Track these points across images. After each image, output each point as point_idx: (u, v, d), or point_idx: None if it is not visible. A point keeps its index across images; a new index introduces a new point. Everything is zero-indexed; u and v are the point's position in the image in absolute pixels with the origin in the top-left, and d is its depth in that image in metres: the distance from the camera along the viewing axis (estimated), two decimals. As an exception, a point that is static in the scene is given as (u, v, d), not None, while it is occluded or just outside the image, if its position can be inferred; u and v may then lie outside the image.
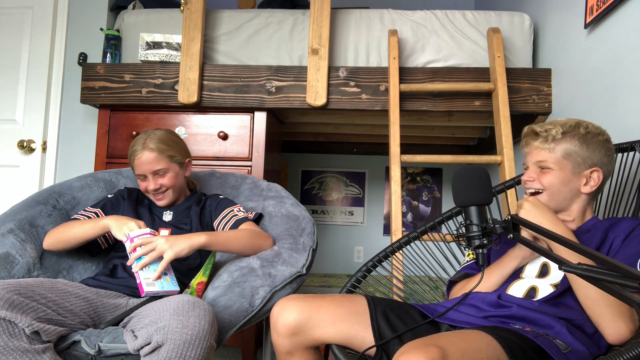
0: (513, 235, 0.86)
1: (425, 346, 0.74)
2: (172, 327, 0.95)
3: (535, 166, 1.12)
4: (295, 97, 2.09)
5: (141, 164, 1.42)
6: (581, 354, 0.88)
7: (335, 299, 1.05)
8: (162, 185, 1.45)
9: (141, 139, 1.45)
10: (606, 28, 1.57)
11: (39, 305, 1.00)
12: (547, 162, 1.09)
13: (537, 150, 1.11)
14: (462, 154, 3.21)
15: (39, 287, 1.05)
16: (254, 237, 1.35)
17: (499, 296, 1.02)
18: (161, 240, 1.21)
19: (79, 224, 1.37)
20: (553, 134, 1.08)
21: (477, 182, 0.89)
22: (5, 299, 0.95)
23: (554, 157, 1.08)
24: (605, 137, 1.10)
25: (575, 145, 1.07)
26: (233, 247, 1.32)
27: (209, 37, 2.17)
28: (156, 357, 0.94)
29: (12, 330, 0.94)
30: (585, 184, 1.08)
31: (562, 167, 1.08)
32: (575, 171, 1.08)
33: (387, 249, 1.42)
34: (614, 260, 0.64)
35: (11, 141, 2.42)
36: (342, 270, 3.54)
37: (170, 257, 1.20)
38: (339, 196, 3.61)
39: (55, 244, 1.38)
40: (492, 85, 1.98)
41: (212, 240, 1.27)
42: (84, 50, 2.43)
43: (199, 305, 1.01)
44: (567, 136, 1.08)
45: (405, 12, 2.17)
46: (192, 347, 0.94)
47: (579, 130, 1.08)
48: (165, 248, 1.20)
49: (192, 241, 1.23)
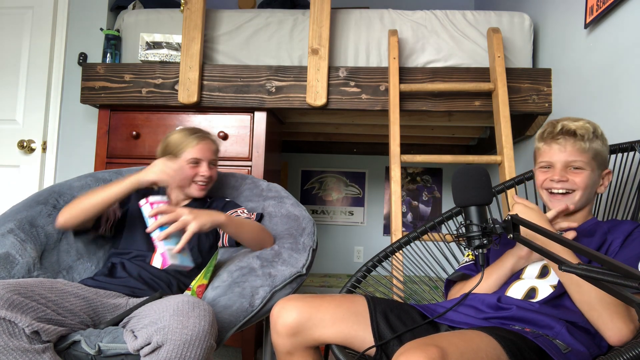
0: (513, 235, 0.86)
1: (425, 346, 0.74)
2: (172, 327, 0.95)
3: (564, 165, 1.09)
4: (295, 97, 2.09)
5: (206, 149, 1.49)
6: (581, 354, 0.88)
7: (335, 299, 1.05)
8: (212, 176, 1.50)
9: (200, 129, 1.55)
10: (606, 28, 1.57)
11: (39, 305, 1.00)
12: (580, 161, 1.07)
13: (574, 150, 1.08)
14: (462, 154, 3.21)
15: (39, 287, 1.05)
16: (262, 232, 1.38)
17: (498, 298, 1.02)
18: (185, 210, 1.17)
19: (100, 189, 1.32)
20: (589, 132, 1.07)
21: (477, 182, 0.89)
22: (6, 299, 0.95)
23: (587, 157, 1.07)
24: (605, 138, 1.12)
25: (599, 146, 1.08)
26: (244, 234, 1.33)
27: (209, 37, 2.17)
28: (156, 358, 0.94)
29: (12, 330, 0.94)
30: (601, 185, 1.10)
31: (592, 167, 1.08)
32: (598, 172, 1.09)
33: (387, 249, 1.42)
34: (614, 260, 0.63)
35: (11, 141, 2.42)
36: (342, 270, 3.54)
37: (194, 229, 1.15)
38: (339, 196, 3.61)
39: (74, 216, 1.32)
40: (492, 85, 1.98)
41: (229, 221, 1.27)
42: (84, 50, 2.43)
43: (199, 306, 1.01)
44: (595, 136, 1.08)
45: (405, 12, 2.17)
46: (192, 348, 0.94)
47: (598, 131, 1.10)
48: (190, 219, 1.16)
49: (213, 217, 1.22)
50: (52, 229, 1.46)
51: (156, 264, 1.17)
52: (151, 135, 2.16)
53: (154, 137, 2.16)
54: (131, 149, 2.16)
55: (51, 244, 1.45)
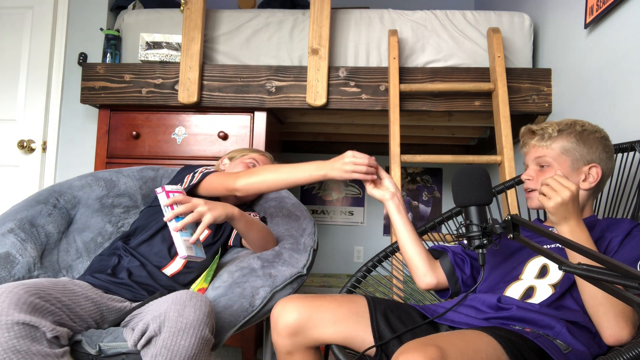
0: (513, 235, 0.86)
1: (424, 346, 0.74)
2: (169, 315, 0.96)
3: (534, 164, 1.13)
4: (295, 97, 2.09)
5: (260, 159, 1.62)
6: (581, 354, 0.88)
7: (335, 299, 1.05)
8: None
9: None
10: (606, 28, 1.57)
11: (56, 309, 1.00)
12: (545, 157, 1.10)
13: (535, 148, 1.13)
14: (462, 154, 3.21)
15: (54, 290, 1.04)
16: (268, 234, 1.39)
17: (498, 299, 1.02)
18: (200, 201, 1.18)
19: (284, 167, 1.28)
20: (549, 132, 1.10)
21: (477, 182, 0.89)
22: (29, 303, 0.94)
23: (553, 153, 1.09)
24: (602, 135, 1.11)
25: (572, 142, 1.09)
26: (253, 232, 1.33)
27: (209, 37, 2.17)
28: (153, 348, 0.96)
29: (34, 334, 0.93)
30: (584, 180, 1.08)
31: (560, 162, 1.09)
32: (574, 167, 1.08)
33: (387, 249, 1.42)
34: (614, 260, 0.64)
35: (11, 141, 2.42)
36: (342, 270, 3.54)
37: (210, 220, 1.16)
38: (339, 196, 3.61)
39: (254, 187, 1.31)
40: (492, 85, 1.98)
41: (241, 215, 1.27)
42: (84, 50, 2.43)
43: (197, 297, 1.02)
44: (564, 133, 1.10)
45: (405, 12, 2.17)
46: (186, 336, 0.95)
47: (575, 128, 1.10)
48: (205, 210, 1.16)
49: (227, 210, 1.22)
50: (52, 228, 1.46)
51: (180, 253, 1.15)
52: (151, 135, 2.16)
53: (154, 137, 2.16)
54: (131, 149, 2.16)
55: (51, 244, 1.45)
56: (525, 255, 1.09)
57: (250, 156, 1.61)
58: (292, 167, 1.27)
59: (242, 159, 1.60)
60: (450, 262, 1.19)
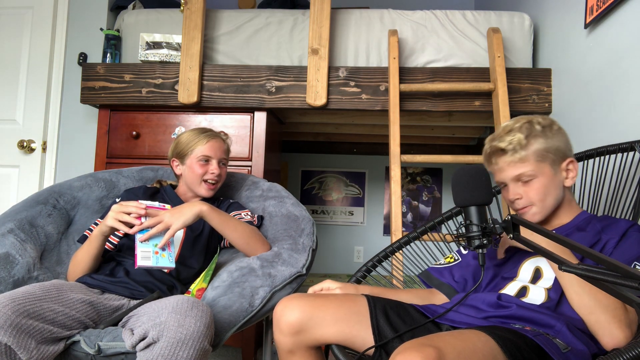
0: (513, 235, 0.86)
1: (422, 346, 0.74)
2: (169, 324, 0.95)
3: (514, 181, 1.08)
4: (295, 97, 2.09)
5: (217, 147, 1.52)
6: (581, 353, 0.87)
7: (336, 299, 1.05)
8: (221, 175, 1.53)
9: (211, 129, 1.58)
10: (606, 28, 1.57)
11: (46, 326, 0.99)
12: (525, 173, 1.06)
13: (510, 166, 1.07)
14: (462, 154, 3.21)
15: (47, 300, 1.04)
16: (253, 237, 1.36)
17: (498, 297, 1.02)
18: (167, 214, 1.25)
19: (80, 251, 1.34)
20: (518, 142, 1.05)
21: (477, 182, 0.89)
22: (14, 325, 0.93)
23: (530, 165, 1.05)
24: (557, 125, 1.09)
25: (541, 144, 1.05)
26: (229, 230, 1.33)
27: (209, 37, 2.17)
28: (150, 353, 0.95)
29: (12, 356, 0.93)
30: (566, 177, 1.07)
31: (542, 171, 1.06)
32: (554, 169, 1.07)
33: (387, 249, 1.42)
34: (614, 260, 0.63)
35: (11, 141, 2.42)
36: (342, 270, 3.54)
37: (177, 227, 1.23)
38: (339, 196, 3.61)
39: (79, 274, 1.34)
40: (492, 85, 1.98)
41: (212, 213, 1.30)
42: (84, 50, 2.43)
43: (198, 306, 1.01)
44: (530, 138, 1.06)
45: (405, 12, 2.17)
46: (185, 347, 0.94)
47: (536, 128, 1.07)
48: (172, 221, 1.23)
49: (194, 210, 1.27)
50: (52, 229, 1.46)
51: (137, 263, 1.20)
52: (151, 135, 2.16)
53: (154, 137, 2.16)
54: (131, 149, 2.16)
55: (51, 244, 1.45)
56: (519, 257, 1.09)
57: (200, 150, 1.49)
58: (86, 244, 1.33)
59: (193, 157, 1.50)
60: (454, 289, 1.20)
